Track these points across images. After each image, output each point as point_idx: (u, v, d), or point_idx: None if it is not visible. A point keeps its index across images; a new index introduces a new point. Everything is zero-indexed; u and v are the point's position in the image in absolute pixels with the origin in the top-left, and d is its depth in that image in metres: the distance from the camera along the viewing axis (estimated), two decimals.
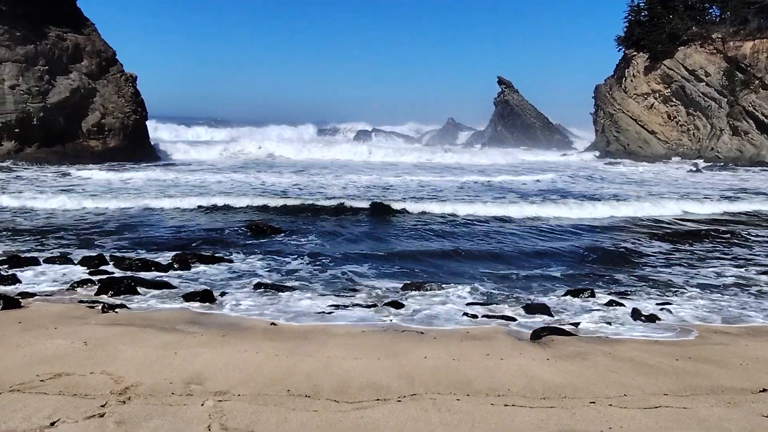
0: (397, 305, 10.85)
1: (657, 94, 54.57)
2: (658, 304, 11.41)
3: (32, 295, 10.67)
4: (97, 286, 11.34)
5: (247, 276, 12.88)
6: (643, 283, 13.07)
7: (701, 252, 16.49)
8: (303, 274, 13.21)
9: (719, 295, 12.21)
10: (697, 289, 12.59)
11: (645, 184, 35.06)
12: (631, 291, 12.39)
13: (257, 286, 11.86)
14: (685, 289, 12.68)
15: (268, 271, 13.46)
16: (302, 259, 14.61)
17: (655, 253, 16.32)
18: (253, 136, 66.25)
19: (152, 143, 44.79)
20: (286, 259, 14.57)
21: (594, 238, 18.78)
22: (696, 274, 14.06)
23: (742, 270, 14.41)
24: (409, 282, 12.42)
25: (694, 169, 43.44)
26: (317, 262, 14.29)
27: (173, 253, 14.42)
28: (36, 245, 15.51)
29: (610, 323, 10.05)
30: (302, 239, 17.21)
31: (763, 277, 13.65)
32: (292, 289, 11.84)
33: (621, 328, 9.87)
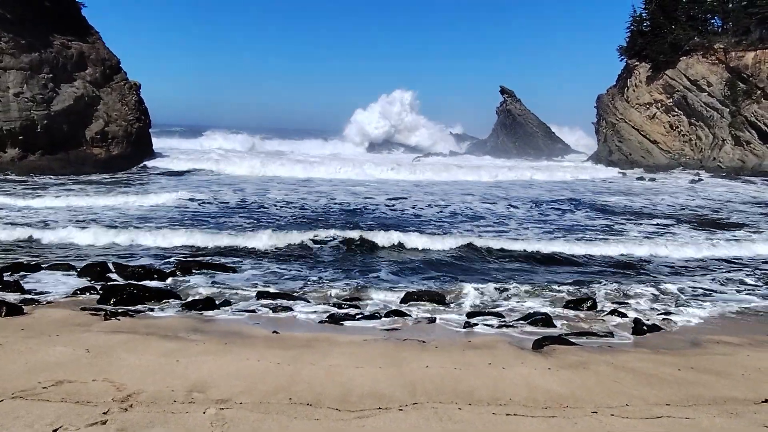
0: (400, 314, 10.86)
1: (659, 104, 54.64)
2: (660, 314, 11.41)
3: (35, 302, 10.69)
4: (99, 294, 11.37)
5: (249, 284, 12.88)
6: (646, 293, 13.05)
7: None
8: (306, 284, 13.20)
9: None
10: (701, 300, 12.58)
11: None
12: (633, 300, 12.38)
13: (260, 294, 11.86)
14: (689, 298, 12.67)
15: (271, 280, 13.46)
16: (306, 270, 14.61)
17: None
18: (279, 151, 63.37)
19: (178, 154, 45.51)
20: (289, 269, 14.57)
21: None
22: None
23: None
24: (411, 291, 12.42)
25: (697, 179, 43.42)
26: (322, 273, 14.29)
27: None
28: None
29: (612, 333, 10.04)
30: (309, 251, 17.18)
31: None
32: (294, 298, 11.84)
33: (623, 337, 9.87)
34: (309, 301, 11.71)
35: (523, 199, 31.37)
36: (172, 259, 14.80)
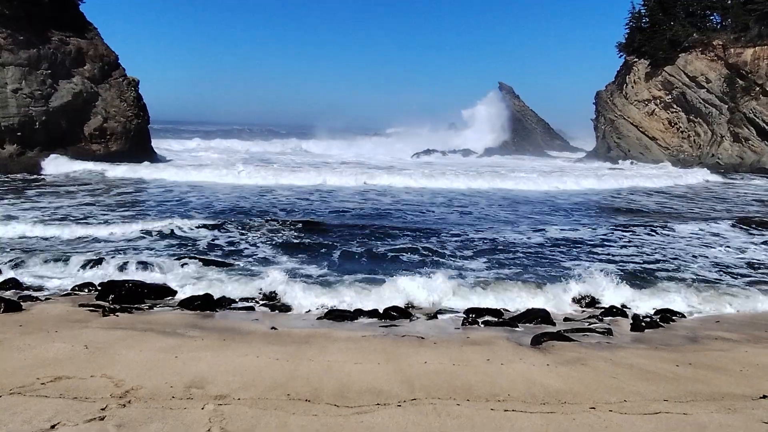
0: (398, 310, 10.85)
1: (658, 101, 54.65)
2: (658, 311, 11.42)
3: (33, 298, 10.69)
4: (98, 290, 11.36)
5: (248, 280, 12.86)
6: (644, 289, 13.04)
7: None
8: (304, 279, 13.18)
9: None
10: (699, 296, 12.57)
11: None
12: (630, 295, 12.38)
13: (258, 290, 11.86)
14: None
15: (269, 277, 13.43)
16: (304, 264, 14.60)
17: None
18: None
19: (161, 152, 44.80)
20: (290, 264, 14.56)
21: None
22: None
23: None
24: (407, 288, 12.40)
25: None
26: (319, 268, 14.28)
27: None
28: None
29: (610, 329, 10.04)
30: (310, 243, 17.12)
31: None
32: (293, 294, 11.83)
33: (621, 333, 9.87)
34: (307, 296, 11.69)
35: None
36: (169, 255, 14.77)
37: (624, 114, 56.36)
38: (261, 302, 11.28)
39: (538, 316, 10.59)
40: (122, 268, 13.03)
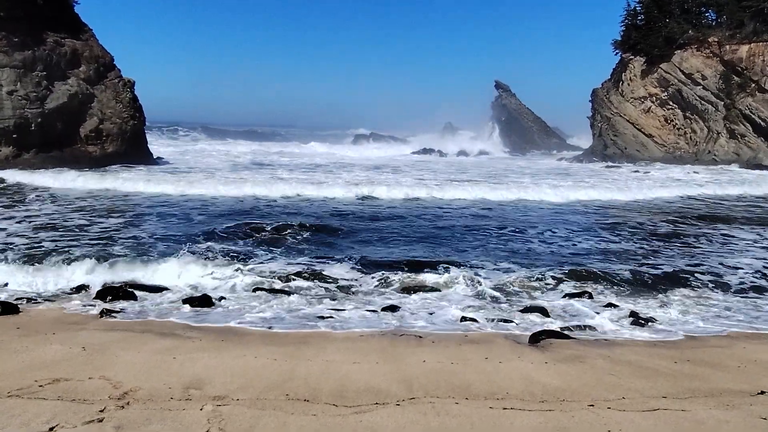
0: (396, 309, 10.85)
1: (654, 98, 54.72)
2: (658, 306, 11.42)
3: (30, 300, 10.66)
4: (95, 291, 11.33)
5: (246, 280, 12.84)
6: (642, 285, 13.04)
7: None
8: (301, 280, 13.16)
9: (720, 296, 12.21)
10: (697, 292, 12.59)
11: None
12: (629, 293, 12.39)
13: (256, 290, 11.85)
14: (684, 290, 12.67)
15: (267, 276, 13.42)
16: (300, 265, 14.57)
17: None
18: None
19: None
20: (285, 265, 14.52)
21: None
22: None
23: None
24: (407, 286, 12.43)
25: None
26: (316, 267, 14.25)
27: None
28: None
29: (608, 326, 10.05)
30: (303, 244, 17.09)
31: None
32: (290, 293, 11.82)
33: (619, 330, 9.88)
34: (304, 297, 11.68)
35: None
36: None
37: (620, 111, 56.42)
38: (260, 301, 11.26)
39: (536, 313, 10.59)
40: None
